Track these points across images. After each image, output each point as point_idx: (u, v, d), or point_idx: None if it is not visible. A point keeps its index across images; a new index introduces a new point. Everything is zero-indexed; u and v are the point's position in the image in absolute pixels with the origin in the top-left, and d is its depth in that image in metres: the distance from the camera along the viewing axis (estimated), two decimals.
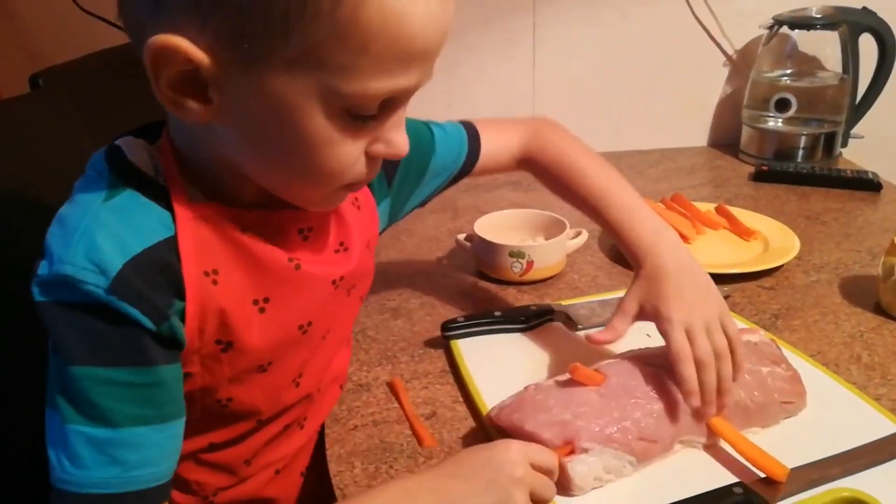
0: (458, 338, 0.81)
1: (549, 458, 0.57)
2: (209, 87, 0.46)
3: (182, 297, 0.50)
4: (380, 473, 0.63)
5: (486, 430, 0.68)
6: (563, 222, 0.98)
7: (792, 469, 0.58)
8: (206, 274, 0.51)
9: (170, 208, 0.50)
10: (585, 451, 0.59)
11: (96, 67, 1.00)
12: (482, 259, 0.97)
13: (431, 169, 0.74)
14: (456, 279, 0.99)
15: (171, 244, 0.49)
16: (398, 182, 0.71)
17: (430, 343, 0.83)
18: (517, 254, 0.93)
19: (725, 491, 0.57)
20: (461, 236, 1.02)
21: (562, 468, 0.58)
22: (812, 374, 0.72)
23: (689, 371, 0.62)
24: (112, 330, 0.47)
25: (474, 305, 0.91)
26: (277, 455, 0.67)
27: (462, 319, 0.82)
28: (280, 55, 0.44)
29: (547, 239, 0.98)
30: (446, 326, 0.81)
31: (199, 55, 0.44)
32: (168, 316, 0.49)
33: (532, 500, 0.54)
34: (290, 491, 0.71)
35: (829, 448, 0.62)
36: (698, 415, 0.63)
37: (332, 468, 0.64)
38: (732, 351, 0.64)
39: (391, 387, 0.75)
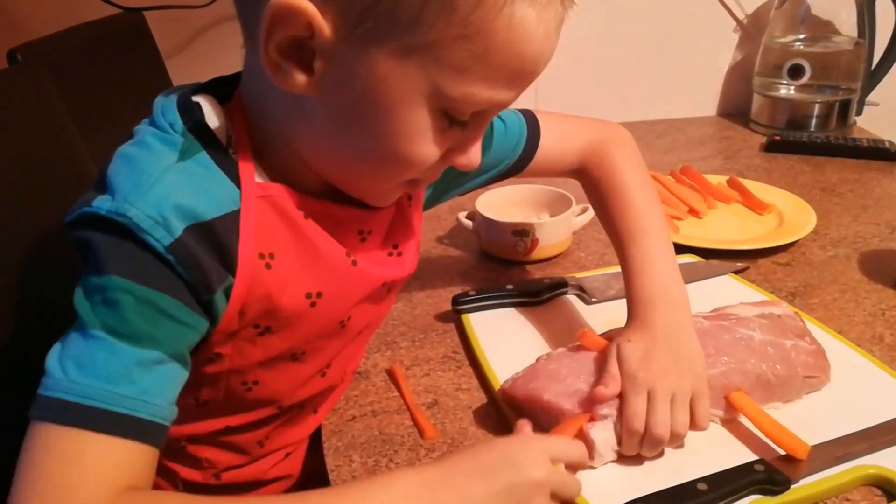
0: (470, 311, 0.79)
1: (574, 451, 0.54)
2: (316, 57, 0.45)
3: (233, 274, 0.49)
4: (379, 467, 0.61)
5: (499, 405, 0.66)
6: (568, 198, 0.94)
7: (815, 446, 0.57)
8: (261, 257, 0.50)
9: (237, 183, 0.49)
10: (604, 417, 0.58)
11: (77, 42, 0.97)
12: (485, 237, 0.94)
13: (481, 165, 0.70)
14: (457, 259, 0.96)
15: (234, 220, 0.49)
16: (444, 174, 0.67)
17: (432, 327, 0.80)
18: (521, 232, 0.90)
19: (747, 468, 0.55)
20: (462, 214, 0.98)
21: (584, 435, 0.57)
22: (836, 348, 0.69)
23: (633, 444, 0.57)
24: (160, 265, 0.45)
25: (477, 286, 0.87)
26: (290, 439, 0.66)
27: (473, 293, 0.80)
28: (400, 41, 0.44)
29: (552, 216, 0.95)
30: (457, 300, 0.80)
31: (321, 23, 0.44)
32: (214, 290, 0.48)
33: (555, 499, 0.51)
34: (294, 471, 0.70)
35: (853, 424, 0.60)
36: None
37: (330, 462, 0.61)
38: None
39: (391, 374, 0.72)
